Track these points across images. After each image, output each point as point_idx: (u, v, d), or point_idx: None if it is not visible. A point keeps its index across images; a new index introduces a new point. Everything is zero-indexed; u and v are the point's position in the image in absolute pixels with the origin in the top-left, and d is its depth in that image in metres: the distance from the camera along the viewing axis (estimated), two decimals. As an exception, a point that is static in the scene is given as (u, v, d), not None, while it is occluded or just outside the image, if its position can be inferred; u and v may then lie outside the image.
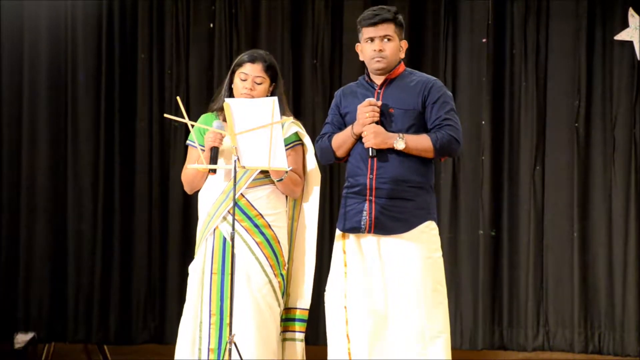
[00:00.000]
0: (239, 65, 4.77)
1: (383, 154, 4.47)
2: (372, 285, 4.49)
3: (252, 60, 4.75)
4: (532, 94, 6.90)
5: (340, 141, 4.57)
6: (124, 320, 6.97)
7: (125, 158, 7.00)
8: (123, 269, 6.97)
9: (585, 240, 6.85)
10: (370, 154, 4.44)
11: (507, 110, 6.96)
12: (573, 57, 6.88)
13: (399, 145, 4.43)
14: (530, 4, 6.91)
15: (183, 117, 4.64)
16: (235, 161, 4.48)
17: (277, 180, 4.69)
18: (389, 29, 4.52)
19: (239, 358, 4.38)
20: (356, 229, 4.51)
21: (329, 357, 4.56)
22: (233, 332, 4.45)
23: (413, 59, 6.89)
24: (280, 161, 4.46)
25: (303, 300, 4.80)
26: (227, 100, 4.50)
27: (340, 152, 4.59)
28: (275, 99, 4.45)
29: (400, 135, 4.44)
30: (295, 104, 6.99)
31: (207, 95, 6.52)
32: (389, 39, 4.52)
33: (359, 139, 4.51)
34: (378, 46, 4.51)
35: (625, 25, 6.82)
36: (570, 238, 6.84)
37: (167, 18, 7.03)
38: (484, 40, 6.94)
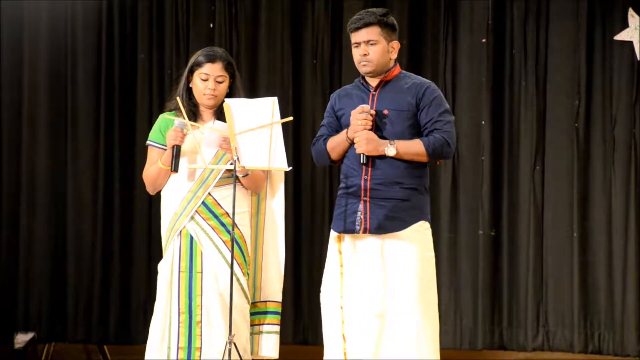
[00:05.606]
0: (198, 65, 4.74)
1: (377, 156, 4.49)
2: (368, 285, 4.50)
3: (212, 60, 4.72)
4: (532, 94, 6.90)
5: (335, 144, 4.60)
6: (124, 320, 6.97)
7: (125, 158, 7.00)
8: (123, 269, 6.97)
9: (585, 240, 6.85)
10: (362, 161, 4.47)
11: (507, 110, 6.95)
12: (573, 57, 6.88)
13: (390, 151, 4.45)
14: (530, 4, 6.91)
15: (183, 118, 4.64)
16: (235, 161, 4.48)
17: (243, 176, 4.68)
18: (372, 33, 4.52)
19: (238, 358, 4.39)
20: (351, 230, 4.52)
21: (325, 357, 4.57)
22: (233, 333, 4.46)
23: (413, 59, 6.90)
24: (280, 161, 4.46)
25: (276, 293, 4.82)
26: (227, 101, 4.50)
27: (334, 155, 4.62)
28: (275, 99, 4.45)
29: (391, 141, 4.45)
30: (295, 104, 7.00)
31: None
32: (372, 43, 4.53)
33: (353, 143, 4.52)
34: (363, 51, 4.53)
35: (625, 25, 6.82)
36: (570, 238, 6.84)
37: (167, 18, 7.03)
38: (483, 40, 6.94)
